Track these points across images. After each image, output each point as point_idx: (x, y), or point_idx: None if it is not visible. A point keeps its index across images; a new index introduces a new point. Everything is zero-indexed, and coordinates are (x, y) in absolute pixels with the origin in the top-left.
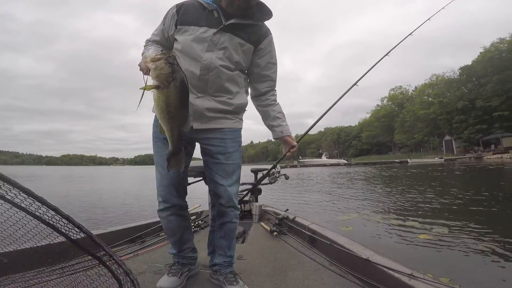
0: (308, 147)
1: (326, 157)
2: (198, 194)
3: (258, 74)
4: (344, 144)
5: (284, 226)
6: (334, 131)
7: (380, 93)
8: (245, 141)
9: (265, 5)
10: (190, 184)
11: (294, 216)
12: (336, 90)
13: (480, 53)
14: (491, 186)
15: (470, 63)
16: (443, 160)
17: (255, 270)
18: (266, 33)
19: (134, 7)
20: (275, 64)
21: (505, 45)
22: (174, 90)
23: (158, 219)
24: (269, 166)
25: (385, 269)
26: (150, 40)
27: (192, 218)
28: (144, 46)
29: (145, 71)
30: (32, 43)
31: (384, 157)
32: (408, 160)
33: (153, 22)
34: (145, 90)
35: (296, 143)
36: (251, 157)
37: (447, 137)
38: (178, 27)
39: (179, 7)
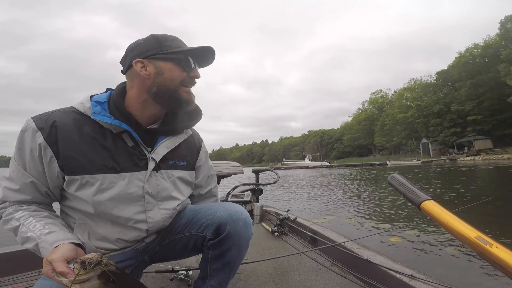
0: (292, 149)
1: (309, 160)
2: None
3: (200, 196)
4: (327, 146)
5: (285, 226)
6: (317, 133)
7: (361, 97)
8: (230, 143)
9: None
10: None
11: (295, 216)
12: (316, 94)
13: (456, 58)
14: (463, 187)
15: (442, 67)
16: (420, 162)
17: (256, 270)
18: (199, 142)
19: (112, 8)
20: (214, 174)
21: (479, 50)
22: None
23: None
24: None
25: (386, 269)
26: (14, 201)
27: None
28: (3, 214)
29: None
30: (5, 43)
31: (364, 160)
32: (388, 162)
33: (132, 23)
34: None
35: None
36: (236, 159)
37: (424, 140)
38: (66, 177)
39: (49, 135)
